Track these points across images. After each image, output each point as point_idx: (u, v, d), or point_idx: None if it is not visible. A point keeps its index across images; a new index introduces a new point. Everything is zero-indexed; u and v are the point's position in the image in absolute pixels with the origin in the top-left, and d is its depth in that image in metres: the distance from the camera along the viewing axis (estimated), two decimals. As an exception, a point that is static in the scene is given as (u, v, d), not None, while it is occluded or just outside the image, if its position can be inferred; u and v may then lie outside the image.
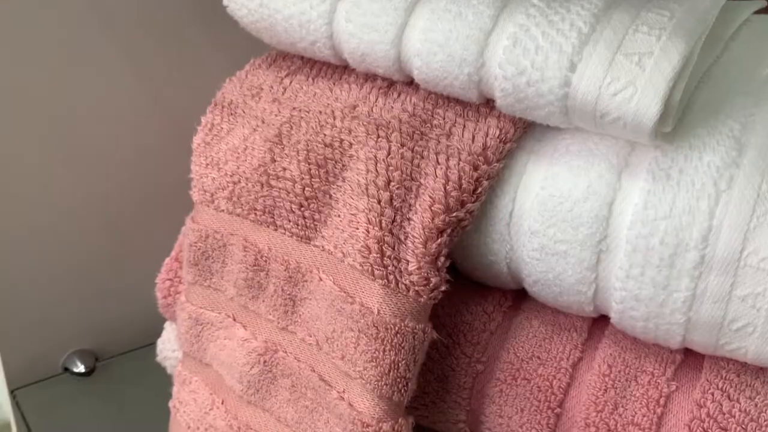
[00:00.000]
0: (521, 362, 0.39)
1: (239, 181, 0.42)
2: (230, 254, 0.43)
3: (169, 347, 0.55)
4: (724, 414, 0.34)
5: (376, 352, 0.36)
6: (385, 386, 0.36)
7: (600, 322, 0.39)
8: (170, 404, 0.47)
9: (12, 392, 0.58)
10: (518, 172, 0.37)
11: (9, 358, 0.59)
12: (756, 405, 0.34)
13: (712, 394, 0.35)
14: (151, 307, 0.55)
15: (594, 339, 0.39)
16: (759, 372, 0.35)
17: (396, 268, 0.36)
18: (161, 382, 0.49)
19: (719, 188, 0.32)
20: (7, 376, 0.58)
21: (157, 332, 0.55)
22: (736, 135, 0.33)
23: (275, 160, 0.40)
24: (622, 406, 0.36)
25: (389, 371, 0.36)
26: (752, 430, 0.33)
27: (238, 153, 0.42)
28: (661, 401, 0.36)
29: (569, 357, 0.38)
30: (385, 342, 0.36)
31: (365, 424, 0.36)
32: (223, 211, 0.43)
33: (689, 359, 0.37)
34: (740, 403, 0.34)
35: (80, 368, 0.61)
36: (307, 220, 0.39)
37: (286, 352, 0.40)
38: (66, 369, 0.61)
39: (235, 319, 0.43)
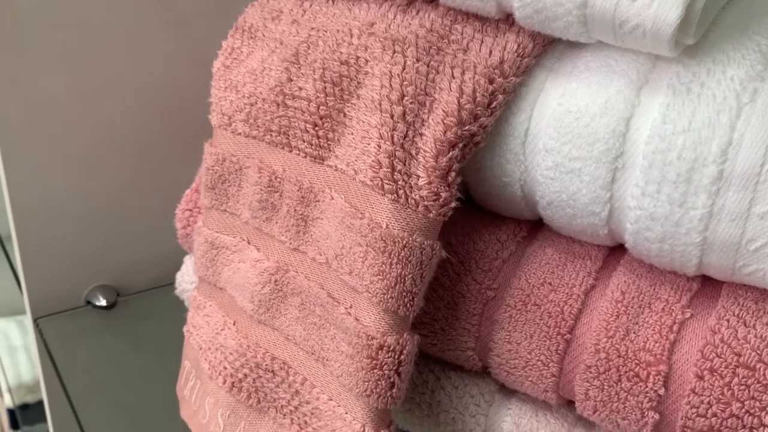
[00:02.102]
0: (532, 288, 0.38)
1: (256, 103, 0.42)
2: (246, 177, 0.43)
3: (187, 279, 0.56)
4: (738, 339, 0.33)
5: (383, 266, 0.35)
6: (390, 299, 0.35)
7: (616, 252, 0.38)
8: (185, 329, 0.48)
9: (35, 320, 0.60)
10: (536, 89, 0.36)
11: (34, 288, 0.60)
12: (773, 331, 0.33)
13: (728, 321, 0.34)
14: (174, 248, 0.56)
15: (609, 268, 0.38)
16: (779, 299, 0.34)
17: (406, 183, 0.35)
18: (181, 319, 0.50)
19: (741, 101, 0.31)
20: (31, 305, 0.60)
21: (179, 271, 0.55)
22: (763, 50, 0.32)
23: (291, 80, 0.40)
24: (634, 332, 0.35)
25: (395, 284, 0.35)
26: (767, 355, 0.32)
27: (256, 75, 0.42)
28: (675, 328, 0.35)
29: (582, 284, 0.37)
30: (392, 255, 0.35)
31: (370, 337, 0.36)
32: (240, 134, 0.43)
33: (706, 288, 0.36)
34: (756, 329, 0.33)
35: (102, 302, 0.62)
36: (321, 140, 0.39)
37: (296, 271, 0.40)
38: (88, 302, 0.62)
39: (249, 242, 0.43)
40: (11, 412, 1.47)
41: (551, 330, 0.37)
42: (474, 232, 0.41)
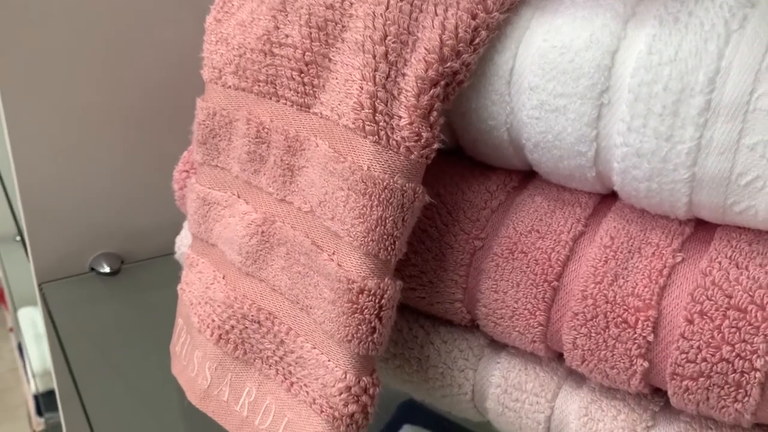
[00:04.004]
0: (519, 236, 0.37)
1: (244, 54, 0.41)
2: (235, 130, 0.43)
3: (186, 243, 0.55)
4: (730, 281, 0.32)
5: (364, 208, 0.35)
6: (371, 242, 0.35)
7: (607, 199, 0.37)
8: (178, 288, 0.48)
9: (39, 285, 0.60)
10: (521, 26, 0.35)
11: (39, 253, 0.61)
12: (766, 272, 0.31)
13: (720, 263, 0.32)
14: (179, 216, 0.56)
15: (599, 214, 0.37)
16: (773, 241, 0.32)
17: (388, 124, 0.35)
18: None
19: (730, 28, 0.30)
20: (35, 270, 0.60)
21: (183, 241, 0.55)
22: (755, -23, 0.31)
23: (278, 28, 0.40)
24: (623, 278, 0.34)
25: (375, 227, 0.35)
26: (759, 297, 0.31)
27: (245, 26, 0.42)
28: (665, 272, 0.33)
29: (570, 230, 0.36)
30: (372, 197, 0.35)
31: (350, 281, 0.35)
32: (230, 87, 0.43)
33: (699, 232, 0.34)
34: (749, 271, 0.32)
35: (106, 269, 0.62)
36: (306, 87, 0.39)
37: (283, 221, 0.40)
38: (92, 269, 0.62)
39: (239, 197, 0.43)
40: (36, 399, 1.49)
41: (538, 277, 0.36)
42: (463, 182, 0.40)
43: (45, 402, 1.45)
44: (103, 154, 0.62)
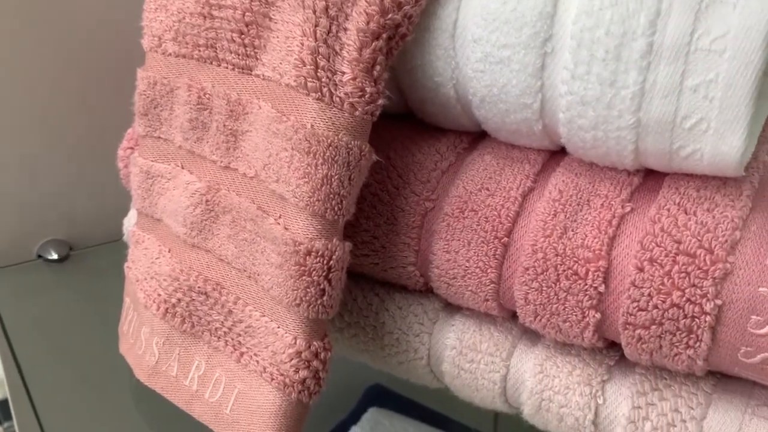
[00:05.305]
0: (469, 195, 0.37)
1: (183, 18, 0.40)
2: (177, 99, 0.42)
3: (134, 223, 0.54)
4: (679, 227, 0.31)
5: (308, 167, 0.34)
6: (317, 203, 0.34)
7: (556, 155, 0.37)
8: (125, 266, 0.46)
9: (-17, 274, 0.58)
10: (463, -22, 0.34)
11: (-17, 241, 0.58)
12: (714, 217, 0.31)
13: (668, 209, 0.32)
14: (128, 201, 0.54)
15: (548, 170, 0.36)
16: (721, 186, 0.32)
17: (330, 80, 0.34)
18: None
19: (670, -31, 0.29)
20: (-21, 258, 0.58)
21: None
22: None
23: (217, -11, 0.39)
24: (572, 230, 0.34)
25: (321, 186, 0.34)
26: (708, 241, 0.31)
27: (184, -10, 0.41)
28: (614, 222, 0.33)
29: (520, 186, 0.36)
30: (317, 156, 0.34)
31: (297, 243, 0.34)
32: (170, 54, 0.42)
33: (648, 182, 0.34)
34: (697, 216, 0.31)
35: (54, 256, 0.60)
36: (247, 48, 0.38)
37: (228, 189, 0.39)
38: (39, 256, 0.60)
39: (183, 168, 0.42)
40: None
41: (488, 235, 0.36)
42: (413, 145, 0.39)
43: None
44: (48, 139, 0.60)
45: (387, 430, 0.57)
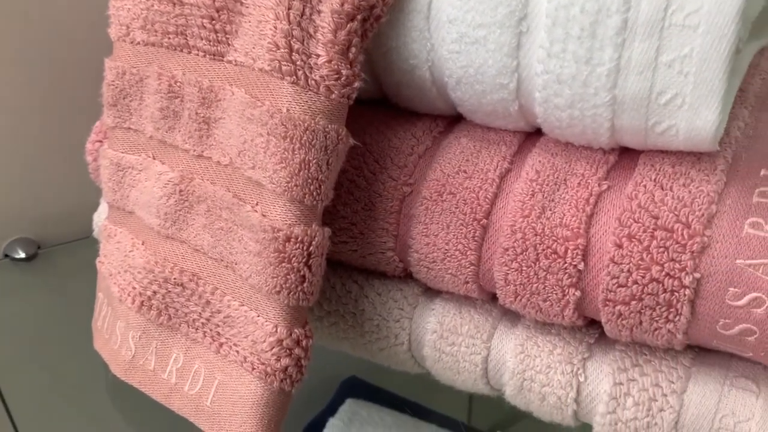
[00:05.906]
0: (447, 178, 0.36)
1: (152, 6, 0.39)
2: (147, 88, 0.41)
3: (104, 218, 0.53)
4: (656, 203, 0.32)
5: (285, 152, 0.33)
6: (295, 188, 0.33)
7: (532, 137, 0.37)
8: (97, 261, 0.45)
9: (-52, 275, 0.56)
10: (436, -41, 0.34)
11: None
12: (690, 192, 0.32)
13: (645, 186, 0.32)
14: (97, 198, 0.53)
15: (524, 151, 0.36)
16: (696, 161, 0.32)
17: (305, 63, 0.33)
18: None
19: (642, -54, 0.30)
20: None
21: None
22: None
23: (186, -25, 0.38)
24: (550, 210, 0.34)
25: (299, 171, 0.33)
26: (685, 216, 0.31)
27: (151, -24, 0.40)
28: (591, 200, 0.33)
29: (497, 168, 0.36)
30: (294, 140, 0.33)
31: (276, 230, 0.34)
32: (138, 43, 0.41)
33: (624, 160, 0.34)
34: (673, 191, 0.32)
35: (21, 255, 0.58)
36: (218, 34, 0.37)
37: (202, 178, 0.38)
38: (6, 255, 0.59)
39: (154, 158, 0.41)
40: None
41: (467, 217, 0.36)
42: (389, 130, 0.39)
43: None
44: (12, 135, 0.59)
45: (365, 420, 0.57)
